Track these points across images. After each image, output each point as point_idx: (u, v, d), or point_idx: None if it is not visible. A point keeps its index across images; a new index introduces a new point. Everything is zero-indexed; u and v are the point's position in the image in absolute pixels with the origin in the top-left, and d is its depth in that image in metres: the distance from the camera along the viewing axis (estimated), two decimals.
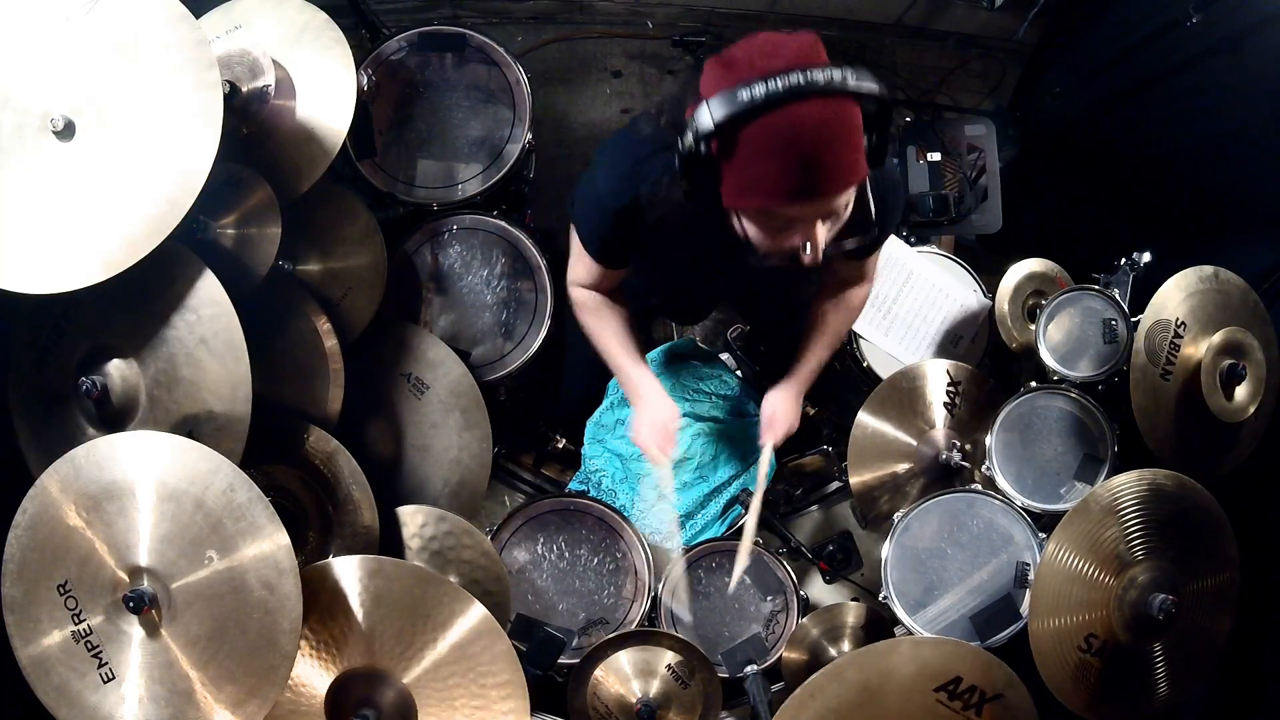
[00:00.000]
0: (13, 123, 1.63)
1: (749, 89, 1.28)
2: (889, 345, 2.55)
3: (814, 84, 1.28)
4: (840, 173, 1.38)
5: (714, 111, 1.30)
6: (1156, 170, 2.73)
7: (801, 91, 1.27)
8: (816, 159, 1.33)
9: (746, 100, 1.28)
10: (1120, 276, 2.33)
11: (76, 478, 1.55)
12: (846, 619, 2.29)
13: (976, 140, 2.77)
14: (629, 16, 3.30)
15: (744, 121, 1.30)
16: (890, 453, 2.36)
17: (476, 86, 2.52)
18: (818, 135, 1.31)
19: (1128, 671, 1.86)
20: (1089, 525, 1.82)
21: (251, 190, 1.95)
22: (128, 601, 1.50)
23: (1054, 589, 1.81)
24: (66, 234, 1.61)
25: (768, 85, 1.27)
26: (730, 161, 1.36)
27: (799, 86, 1.27)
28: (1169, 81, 2.53)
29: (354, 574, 1.66)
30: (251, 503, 1.54)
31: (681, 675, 2.09)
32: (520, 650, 2.09)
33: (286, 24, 2.10)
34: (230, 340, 1.73)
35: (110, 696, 1.53)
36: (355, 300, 2.21)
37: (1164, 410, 2.07)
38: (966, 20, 3.25)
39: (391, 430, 2.29)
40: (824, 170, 1.35)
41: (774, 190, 1.38)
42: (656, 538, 2.43)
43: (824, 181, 1.37)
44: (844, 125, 1.33)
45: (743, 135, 1.32)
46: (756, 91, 1.27)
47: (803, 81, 1.27)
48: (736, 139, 1.33)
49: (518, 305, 2.48)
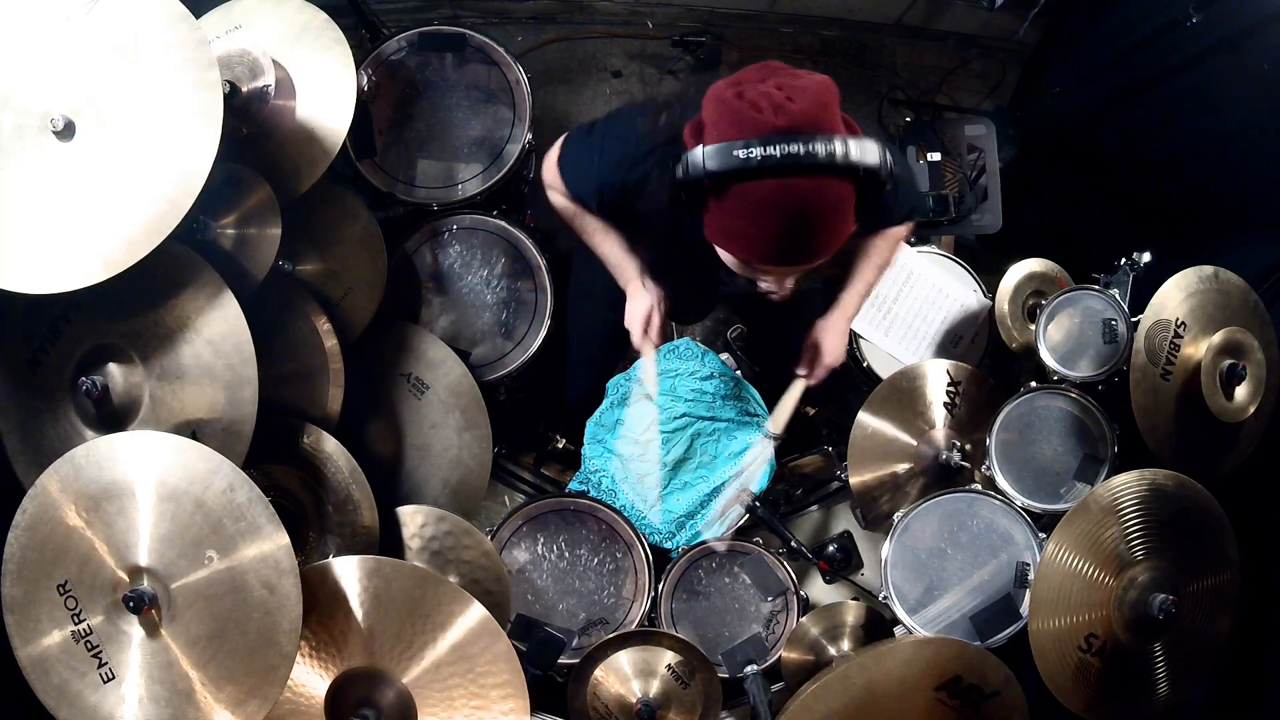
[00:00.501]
0: (13, 123, 1.63)
1: (747, 149, 1.26)
2: (889, 345, 2.55)
3: (814, 158, 1.25)
4: (822, 246, 1.38)
5: (708, 161, 1.29)
6: (1156, 170, 2.72)
7: (800, 165, 1.26)
8: (800, 233, 1.33)
9: (741, 160, 1.26)
10: (1120, 276, 2.33)
11: (76, 478, 1.55)
12: (846, 619, 2.29)
13: (976, 140, 2.78)
14: (629, 16, 3.30)
15: (735, 179, 1.29)
16: (890, 453, 2.36)
17: (476, 86, 2.52)
18: (807, 211, 1.31)
19: (1128, 671, 1.86)
20: (1089, 525, 1.82)
21: (251, 190, 1.95)
22: (128, 601, 1.51)
23: (1054, 589, 1.81)
24: (66, 234, 1.61)
25: (766, 151, 1.25)
26: (718, 205, 1.35)
27: (798, 159, 1.25)
28: (1169, 81, 2.53)
29: (354, 574, 1.66)
30: (251, 503, 1.54)
31: (681, 675, 2.09)
32: (520, 650, 2.09)
33: (286, 24, 2.10)
34: (238, 342, 1.73)
35: (110, 696, 1.53)
36: (355, 300, 2.21)
37: (1164, 410, 2.07)
38: (966, 20, 3.25)
39: (391, 430, 2.29)
40: (806, 243, 1.36)
41: (753, 250, 1.38)
42: (657, 538, 2.43)
43: (803, 253, 1.38)
44: (835, 202, 1.32)
45: (733, 189, 1.31)
46: (754, 154, 1.25)
47: (802, 153, 1.25)
48: (726, 190, 1.32)
49: (518, 305, 2.48)
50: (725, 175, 1.29)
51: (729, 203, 1.33)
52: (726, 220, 1.36)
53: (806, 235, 1.34)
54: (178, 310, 1.75)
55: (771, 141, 1.25)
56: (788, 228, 1.32)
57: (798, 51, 3.41)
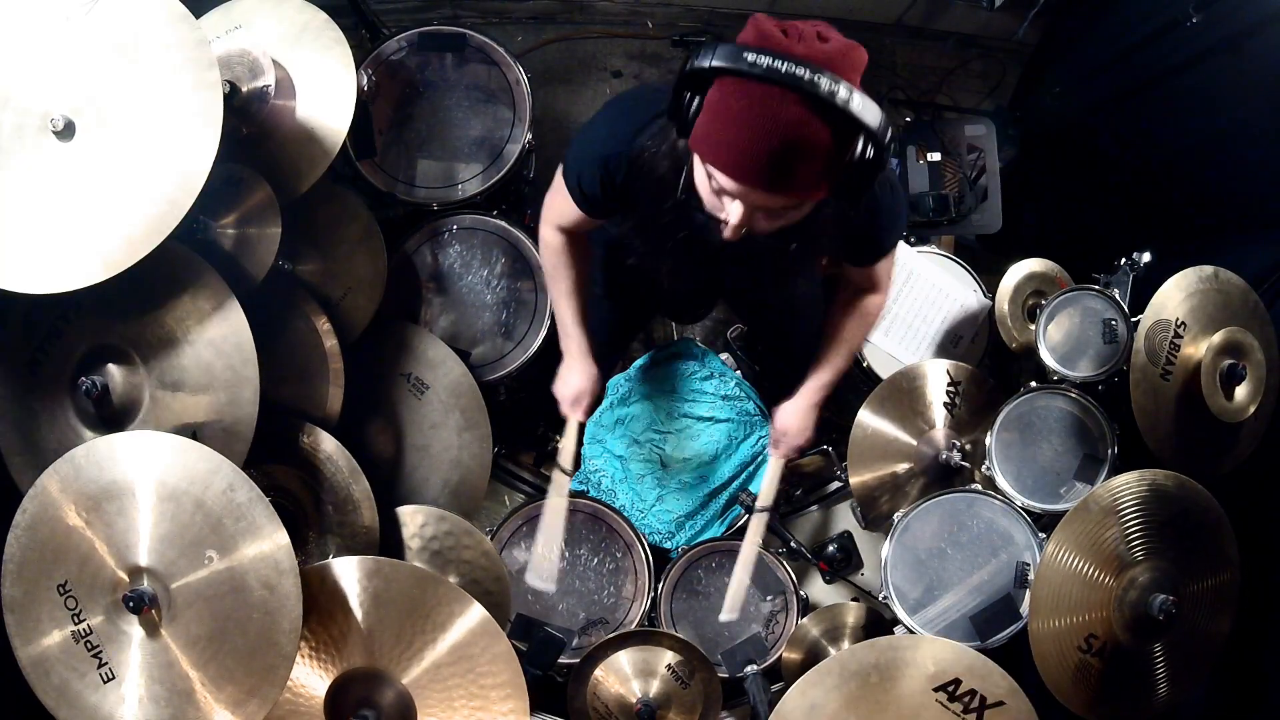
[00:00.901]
0: (13, 123, 1.63)
1: (758, 55, 1.25)
2: (889, 345, 2.55)
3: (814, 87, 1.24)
4: (787, 179, 1.33)
5: (718, 55, 1.28)
6: (1156, 170, 2.72)
7: (796, 84, 1.25)
8: (772, 154, 1.30)
9: (747, 61, 1.26)
10: (1120, 276, 2.33)
11: (76, 478, 1.55)
12: (846, 619, 2.29)
13: (976, 140, 2.77)
14: (629, 16, 3.30)
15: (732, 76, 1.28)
16: (890, 453, 2.36)
17: (476, 86, 2.52)
18: (784, 134, 1.28)
19: (1128, 672, 1.86)
20: (1089, 525, 1.82)
21: (251, 190, 1.95)
22: (127, 601, 1.51)
23: (1054, 589, 1.81)
24: (66, 234, 1.61)
25: (772, 60, 1.24)
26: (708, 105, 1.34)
27: (797, 80, 1.24)
28: (1169, 81, 2.53)
29: (354, 574, 1.66)
30: (251, 503, 1.54)
31: (681, 675, 2.09)
32: (520, 650, 2.10)
33: (286, 24, 2.10)
34: (238, 342, 1.73)
35: (110, 696, 1.53)
36: (355, 300, 2.21)
37: (1164, 410, 2.07)
38: (966, 20, 3.25)
39: (391, 430, 2.29)
40: (773, 168, 1.31)
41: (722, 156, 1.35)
42: (656, 538, 2.43)
43: (768, 178, 1.33)
44: (815, 139, 1.29)
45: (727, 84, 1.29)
46: (761, 61, 1.25)
47: (805, 78, 1.24)
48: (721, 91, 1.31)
49: (518, 305, 2.48)
50: (723, 72, 1.28)
51: (718, 98, 1.31)
52: (709, 120, 1.34)
53: (780, 159, 1.30)
54: (178, 310, 1.75)
55: (784, 58, 1.25)
56: (764, 142, 1.29)
57: None
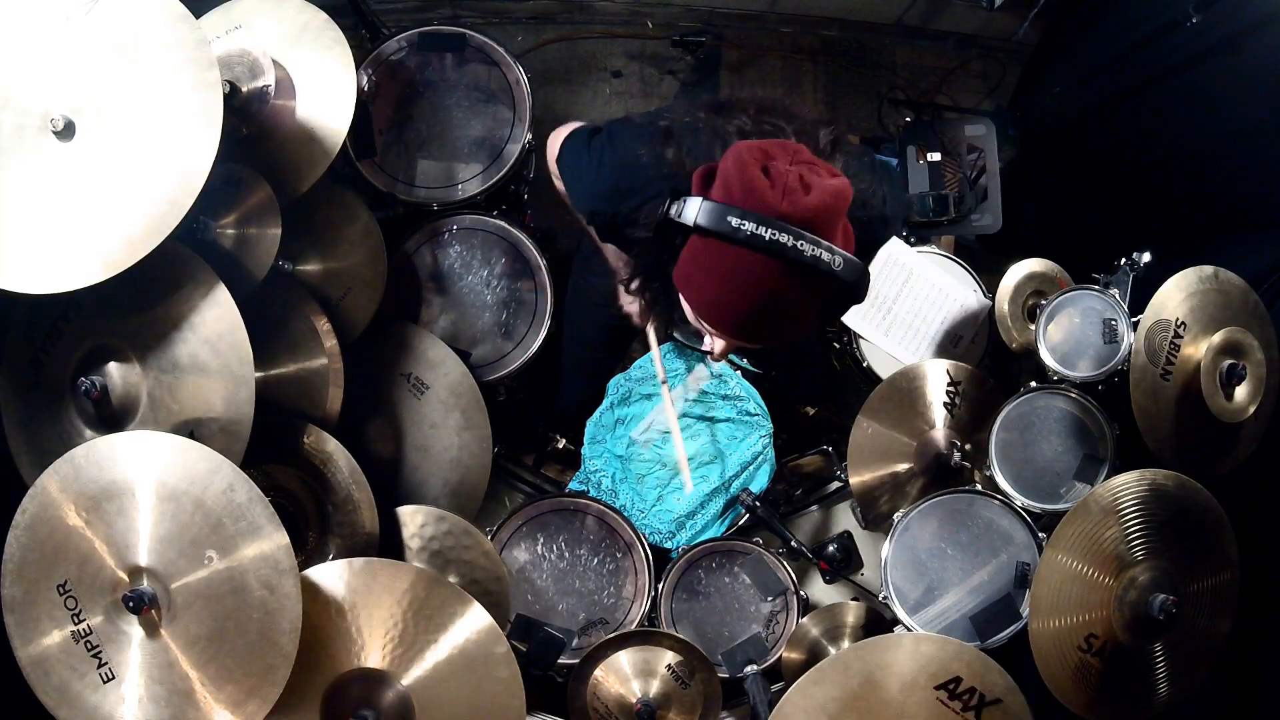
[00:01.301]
0: (13, 123, 1.63)
1: (741, 220, 1.28)
2: (889, 345, 2.55)
3: (798, 254, 1.28)
4: (774, 335, 1.41)
5: (701, 215, 1.32)
6: (1156, 170, 2.73)
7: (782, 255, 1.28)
8: (756, 315, 1.36)
9: (731, 227, 1.29)
10: (1120, 276, 2.33)
11: (76, 478, 1.55)
12: (846, 619, 2.29)
13: (976, 140, 2.77)
14: (629, 16, 3.30)
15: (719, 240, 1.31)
16: (890, 453, 2.36)
17: (476, 86, 2.52)
18: (770, 300, 1.33)
19: (1128, 672, 1.86)
20: (1089, 526, 1.82)
21: (251, 190, 1.95)
22: (127, 601, 1.51)
23: (1054, 589, 1.81)
24: (66, 234, 1.61)
25: (757, 229, 1.27)
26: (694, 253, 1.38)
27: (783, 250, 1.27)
28: (1169, 81, 2.53)
29: (354, 574, 1.67)
30: (251, 503, 1.54)
31: (681, 675, 2.09)
32: (520, 650, 2.10)
33: (286, 24, 2.10)
34: (235, 342, 1.73)
35: (110, 696, 1.53)
36: (355, 300, 2.21)
37: (1164, 410, 2.07)
38: (966, 20, 3.25)
39: (391, 430, 2.29)
40: (759, 327, 1.39)
41: (707, 310, 1.41)
42: (657, 538, 2.43)
43: (754, 335, 1.41)
44: (799, 300, 1.35)
45: (712, 244, 1.33)
46: (745, 227, 1.28)
47: (789, 246, 1.27)
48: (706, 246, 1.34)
49: (518, 305, 2.48)
50: (710, 234, 1.32)
51: (704, 256, 1.35)
52: (696, 272, 1.39)
53: (761, 320, 1.37)
54: (176, 310, 1.75)
55: (767, 223, 1.27)
56: (748, 307, 1.35)
57: (798, 51, 3.41)
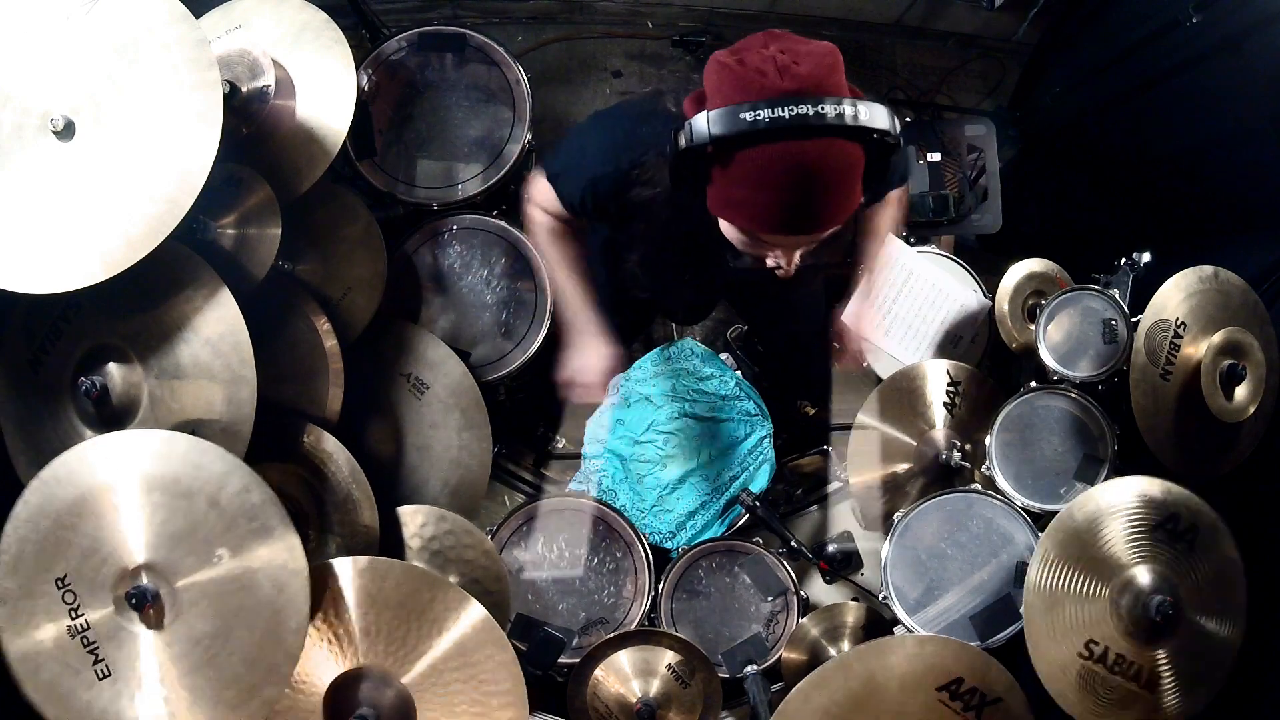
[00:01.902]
0: (13, 123, 1.63)
1: (754, 111, 1.20)
2: (889, 345, 2.55)
3: (823, 119, 1.20)
4: (831, 214, 1.32)
5: (713, 125, 1.23)
6: (1156, 170, 2.72)
7: (809, 128, 1.20)
8: (809, 199, 1.27)
9: (749, 123, 1.20)
10: (1120, 276, 2.33)
11: (84, 473, 1.55)
12: (846, 619, 2.29)
13: (976, 140, 2.77)
14: (629, 16, 3.30)
15: (742, 144, 1.24)
16: (890, 453, 2.36)
17: (476, 86, 2.52)
18: (816, 176, 1.25)
19: (1129, 675, 1.85)
20: (1073, 536, 1.79)
21: (251, 190, 1.95)
22: (130, 598, 1.50)
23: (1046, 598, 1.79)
24: (66, 234, 1.60)
25: (774, 112, 1.19)
26: (722, 173, 1.30)
27: (806, 121, 1.20)
28: (1169, 81, 2.53)
29: (354, 574, 1.66)
30: (264, 504, 1.54)
31: (681, 675, 2.09)
32: (520, 650, 2.10)
33: (286, 24, 2.10)
34: (236, 342, 1.73)
35: (105, 694, 1.51)
36: (355, 300, 2.21)
37: (1164, 410, 2.07)
38: (966, 20, 3.25)
39: (391, 430, 2.29)
40: (815, 211, 1.30)
41: (760, 219, 1.32)
42: (657, 538, 2.43)
43: (813, 221, 1.32)
44: (845, 166, 1.27)
45: (739, 155, 1.26)
46: (761, 116, 1.20)
47: (811, 115, 1.19)
48: (732, 157, 1.27)
49: (518, 305, 2.48)
50: (731, 140, 1.23)
51: (735, 170, 1.27)
52: (732, 189, 1.30)
53: (816, 201, 1.28)
54: (177, 310, 1.75)
55: (779, 104, 1.19)
56: (797, 194, 1.26)
57: None
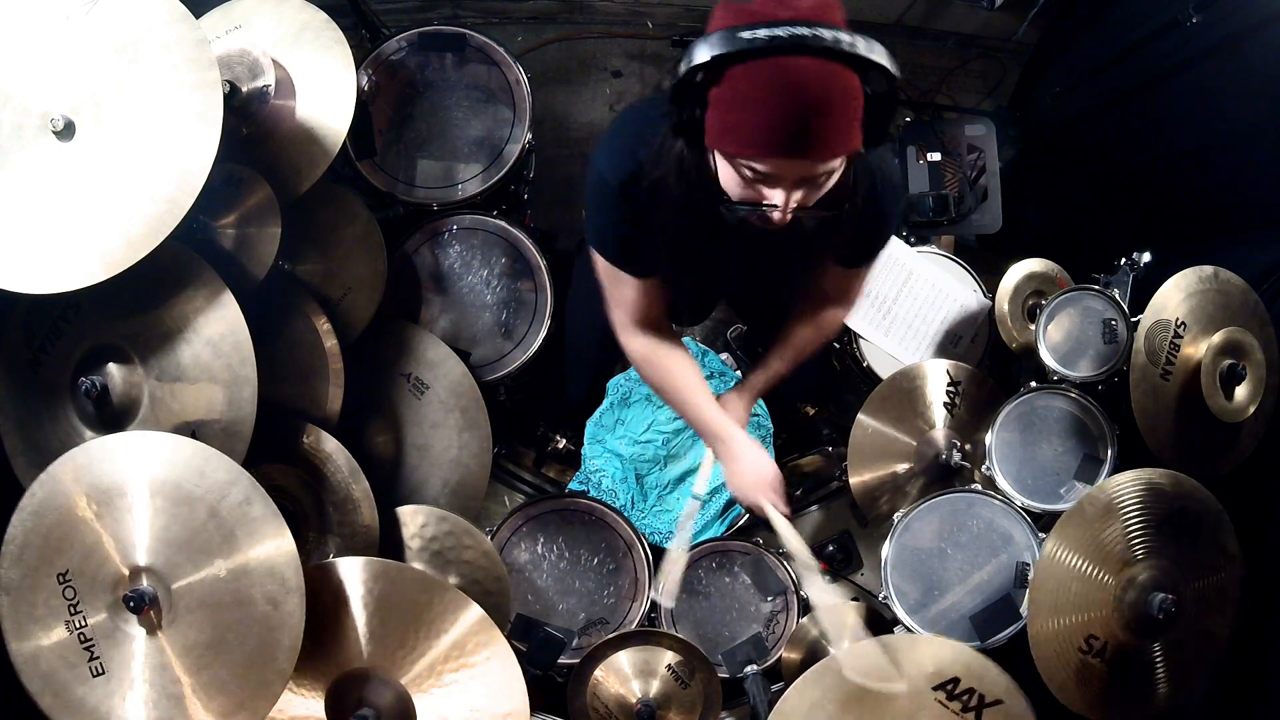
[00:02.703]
0: (13, 122, 1.63)
1: (752, 30, 1.22)
2: (889, 345, 2.55)
3: (821, 40, 1.21)
4: (828, 138, 1.29)
5: (712, 45, 1.24)
6: (1156, 170, 2.72)
7: (806, 46, 1.21)
8: (806, 118, 1.25)
9: (746, 40, 1.22)
10: (1120, 276, 2.33)
11: (91, 470, 1.55)
12: (846, 619, 2.29)
13: (976, 140, 2.77)
14: (629, 16, 3.30)
15: (739, 61, 1.24)
16: (890, 453, 2.36)
17: (476, 86, 2.52)
18: (813, 93, 1.24)
19: (1129, 672, 1.86)
20: (1086, 526, 1.81)
21: (251, 190, 1.95)
22: (128, 600, 1.50)
23: (1052, 592, 1.81)
24: (66, 234, 1.61)
25: (771, 30, 1.21)
26: (718, 99, 1.29)
27: (804, 39, 1.21)
28: (1169, 81, 2.53)
29: (354, 575, 1.66)
30: (265, 517, 1.55)
31: (681, 675, 2.09)
32: (520, 650, 2.10)
33: (286, 24, 2.10)
34: (237, 342, 1.73)
35: (98, 691, 1.52)
36: (355, 300, 2.21)
37: (1164, 410, 2.07)
38: (966, 20, 3.25)
39: (391, 430, 2.29)
40: (812, 131, 1.27)
41: (755, 139, 1.30)
42: (657, 538, 2.43)
43: (809, 143, 1.29)
44: (843, 91, 1.26)
45: (735, 74, 1.25)
46: (759, 34, 1.21)
47: (809, 35, 1.21)
48: (728, 78, 1.26)
49: (518, 305, 2.48)
50: (728, 58, 1.24)
51: (728, 88, 1.27)
52: (726, 112, 1.29)
53: (811, 121, 1.25)
54: (177, 310, 1.75)
55: (778, 25, 1.21)
56: (792, 111, 1.24)
57: None
